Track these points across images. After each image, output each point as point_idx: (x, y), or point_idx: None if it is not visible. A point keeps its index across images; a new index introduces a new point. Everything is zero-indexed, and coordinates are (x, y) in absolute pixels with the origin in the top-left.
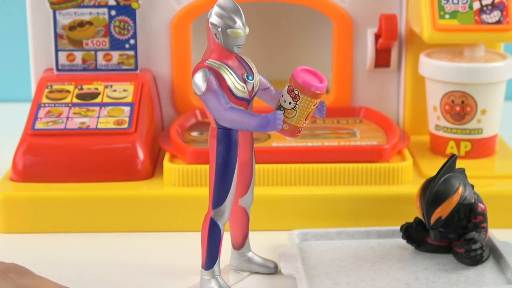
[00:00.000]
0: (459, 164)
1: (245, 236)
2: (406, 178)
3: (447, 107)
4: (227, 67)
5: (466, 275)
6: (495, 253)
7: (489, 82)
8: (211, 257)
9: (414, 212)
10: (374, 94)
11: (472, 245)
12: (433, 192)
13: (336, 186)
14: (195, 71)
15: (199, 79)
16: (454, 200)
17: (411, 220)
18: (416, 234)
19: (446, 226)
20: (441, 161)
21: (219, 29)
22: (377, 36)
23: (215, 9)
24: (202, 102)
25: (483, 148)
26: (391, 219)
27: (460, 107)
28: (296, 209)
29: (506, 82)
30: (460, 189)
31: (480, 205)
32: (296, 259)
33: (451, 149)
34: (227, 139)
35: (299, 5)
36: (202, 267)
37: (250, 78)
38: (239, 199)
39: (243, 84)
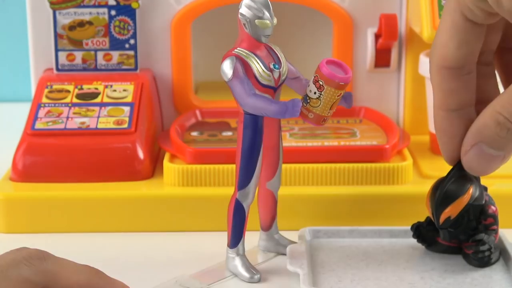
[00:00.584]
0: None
1: (273, 218)
2: (406, 178)
3: None
4: (254, 56)
5: (473, 277)
6: (504, 255)
7: None
8: (235, 237)
9: (414, 212)
10: (374, 94)
11: (480, 246)
12: (443, 192)
13: (336, 186)
14: (224, 58)
15: (226, 66)
16: (464, 200)
17: (411, 220)
18: (427, 234)
19: (456, 227)
20: (441, 161)
21: (248, 20)
22: (377, 36)
23: (245, 0)
24: (231, 89)
25: None
26: (391, 219)
27: None
28: (296, 209)
29: None
30: (471, 190)
31: (492, 207)
32: (303, 256)
33: None
34: (253, 124)
35: (299, 5)
36: (228, 245)
37: (277, 67)
38: (266, 182)
39: (268, 72)
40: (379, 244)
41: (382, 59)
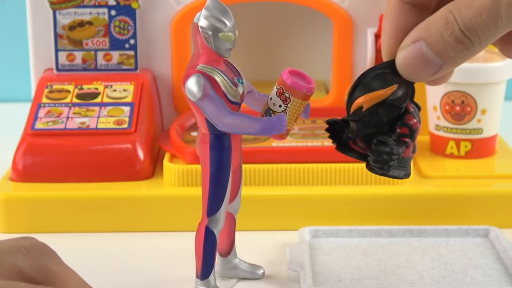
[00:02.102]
0: (459, 163)
1: (232, 243)
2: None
3: (447, 107)
4: (219, 71)
5: (472, 276)
6: (504, 254)
7: (489, 82)
8: (207, 267)
9: (413, 212)
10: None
11: (380, 146)
12: (362, 79)
13: (336, 186)
14: (186, 77)
15: (193, 85)
16: (381, 94)
17: (410, 221)
18: (341, 132)
19: (366, 122)
20: (441, 161)
21: (210, 33)
22: (377, 36)
23: (204, 12)
24: (195, 108)
25: (483, 148)
26: (390, 219)
27: (460, 107)
28: (295, 209)
29: (506, 82)
30: (395, 88)
31: (414, 119)
32: (303, 255)
33: (451, 149)
34: (220, 145)
35: (298, 5)
36: (197, 277)
37: (241, 81)
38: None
39: (235, 88)
40: (378, 244)
41: (382, 59)
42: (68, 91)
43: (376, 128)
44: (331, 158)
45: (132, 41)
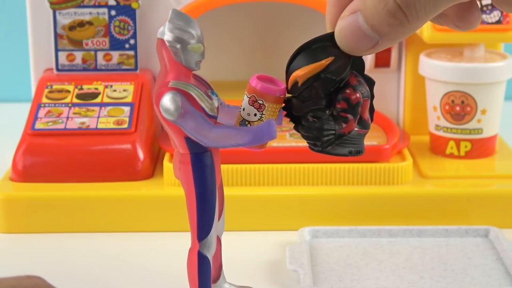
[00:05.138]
0: (459, 163)
1: (220, 267)
2: (406, 178)
3: (447, 107)
4: (193, 86)
5: (472, 276)
6: (504, 254)
7: (489, 82)
8: None
9: (413, 212)
10: (374, 94)
11: (310, 122)
12: (297, 52)
13: (336, 186)
14: (159, 96)
15: (169, 103)
16: (314, 67)
17: (410, 220)
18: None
19: (304, 98)
20: (441, 161)
21: (178, 46)
22: None
23: (168, 25)
24: (171, 128)
25: (483, 148)
26: (390, 219)
27: (460, 107)
28: (295, 209)
29: (506, 82)
30: (330, 60)
31: (356, 94)
32: (303, 255)
33: (451, 149)
34: (203, 162)
35: (298, 5)
36: None
37: (214, 93)
38: None
39: (211, 101)
40: (378, 244)
41: (382, 59)
42: (68, 91)
43: (315, 103)
44: (331, 158)
45: (132, 41)
